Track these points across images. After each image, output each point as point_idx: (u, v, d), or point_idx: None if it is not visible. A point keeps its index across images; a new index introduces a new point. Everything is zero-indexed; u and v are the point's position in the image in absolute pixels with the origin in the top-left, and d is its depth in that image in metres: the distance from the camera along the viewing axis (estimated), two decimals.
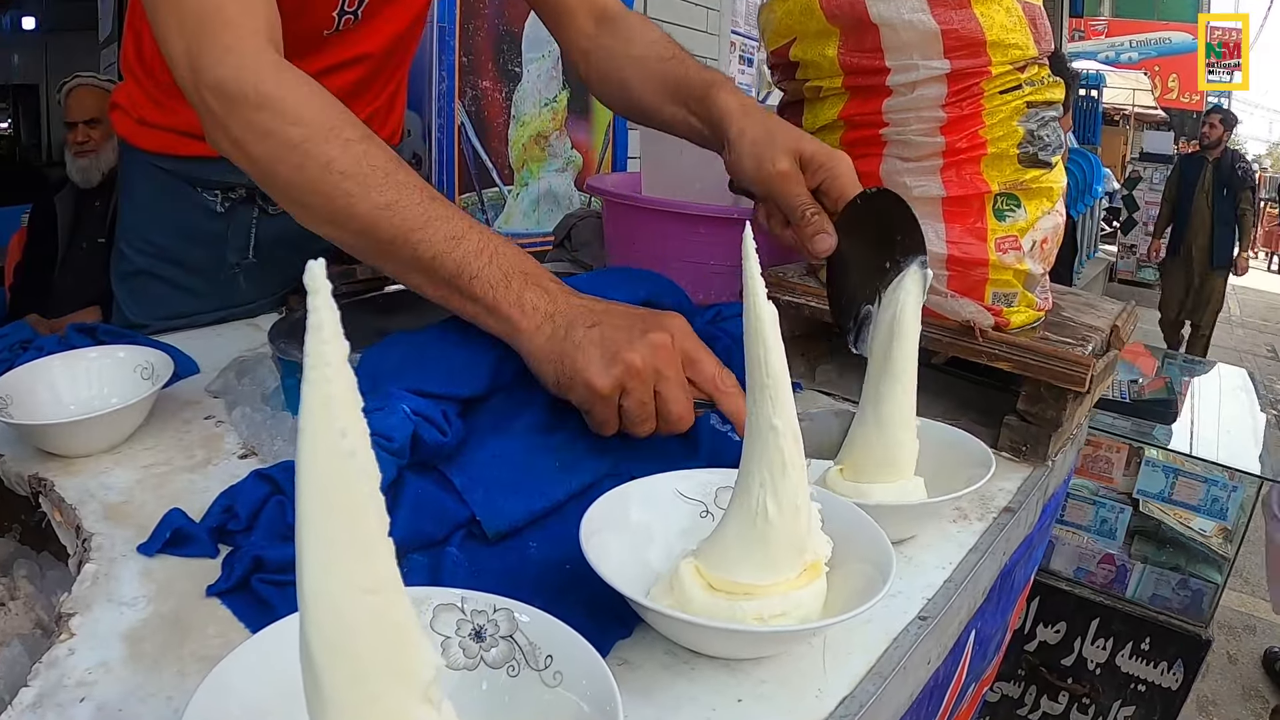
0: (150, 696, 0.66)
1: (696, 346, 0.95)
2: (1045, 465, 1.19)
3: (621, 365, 0.90)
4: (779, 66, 1.32)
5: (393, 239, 0.95)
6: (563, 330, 0.93)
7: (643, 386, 0.90)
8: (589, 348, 0.91)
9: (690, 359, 0.94)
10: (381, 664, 0.44)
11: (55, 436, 0.99)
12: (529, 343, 0.94)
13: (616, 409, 0.92)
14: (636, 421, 0.92)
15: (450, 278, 0.95)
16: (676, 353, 0.93)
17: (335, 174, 0.94)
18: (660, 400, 0.91)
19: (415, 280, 0.98)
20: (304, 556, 0.42)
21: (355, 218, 0.95)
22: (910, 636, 0.81)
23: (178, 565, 0.82)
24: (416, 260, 0.95)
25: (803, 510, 0.71)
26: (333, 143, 0.95)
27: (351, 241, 0.99)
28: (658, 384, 0.91)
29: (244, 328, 1.51)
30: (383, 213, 0.94)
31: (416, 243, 0.94)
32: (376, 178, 0.95)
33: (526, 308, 0.94)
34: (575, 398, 0.93)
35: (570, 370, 0.92)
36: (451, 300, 0.97)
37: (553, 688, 0.60)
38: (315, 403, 0.40)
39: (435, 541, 0.84)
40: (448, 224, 0.95)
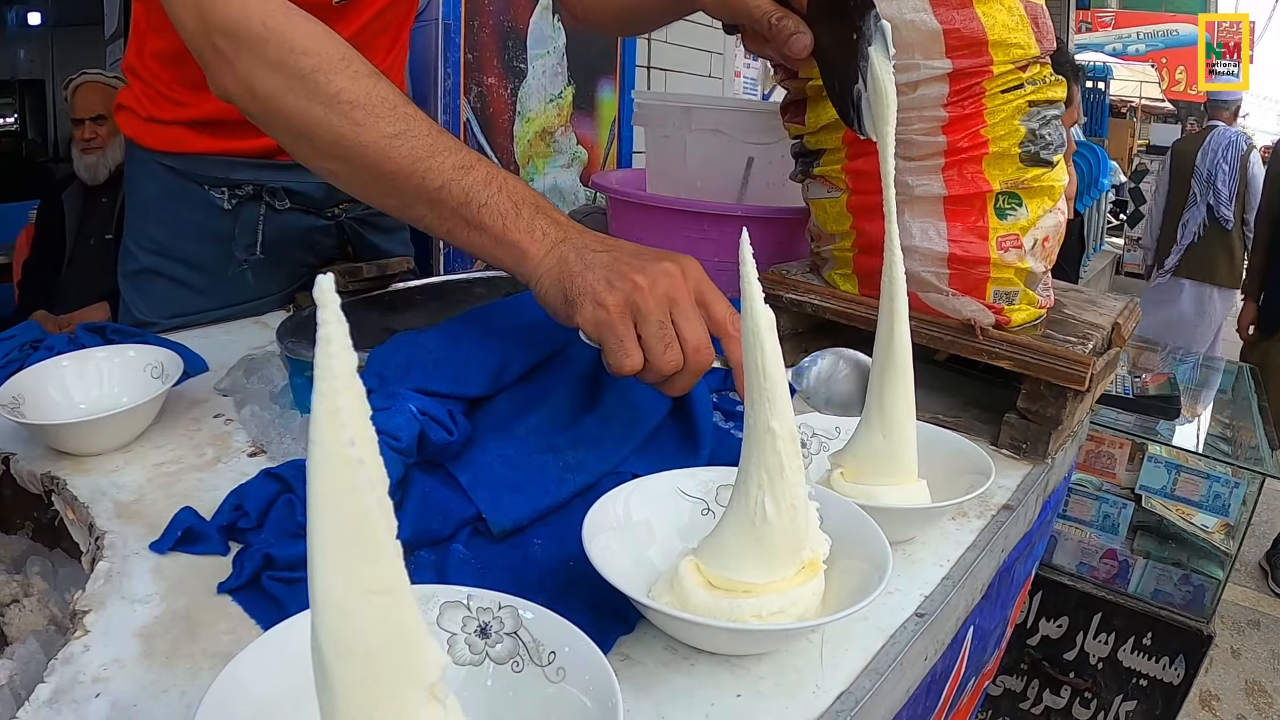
0: (163, 693, 0.68)
1: (709, 286, 0.94)
2: (1045, 463, 1.20)
3: (629, 282, 0.89)
4: (781, 65, 1.33)
5: (399, 169, 0.95)
6: (572, 254, 0.92)
7: (657, 307, 0.89)
8: (597, 268, 0.91)
9: (703, 297, 0.93)
10: (390, 664, 0.46)
11: (67, 436, 1.00)
12: (537, 268, 0.93)
13: (634, 335, 0.89)
14: (658, 346, 0.89)
15: (458, 206, 0.94)
16: (689, 286, 0.92)
17: (344, 103, 0.95)
18: (677, 328, 0.90)
19: (421, 212, 0.98)
20: (314, 560, 0.43)
21: (362, 147, 0.95)
22: (907, 633, 0.82)
23: (189, 563, 0.83)
24: (423, 190, 0.95)
25: (800, 510, 0.72)
26: (343, 73, 0.96)
27: (355, 176, 0.99)
28: (672, 310, 0.90)
29: (252, 326, 1.52)
30: (390, 142, 0.94)
31: (424, 172, 0.94)
32: (384, 109, 0.95)
33: (536, 234, 0.94)
34: (585, 319, 0.90)
35: (578, 288, 0.90)
36: (458, 232, 0.96)
37: (556, 683, 0.62)
38: (324, 414, 0.41)
39: (442, 539, 0.85)
40: (456, 155, 0.95)
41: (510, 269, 0.96)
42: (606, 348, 0.90)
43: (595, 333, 0.90)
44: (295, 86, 0.96)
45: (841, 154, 1.28)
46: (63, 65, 7.64)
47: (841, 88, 1.05)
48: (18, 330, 1.24)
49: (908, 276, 0.95)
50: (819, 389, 1.00)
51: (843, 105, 1.06)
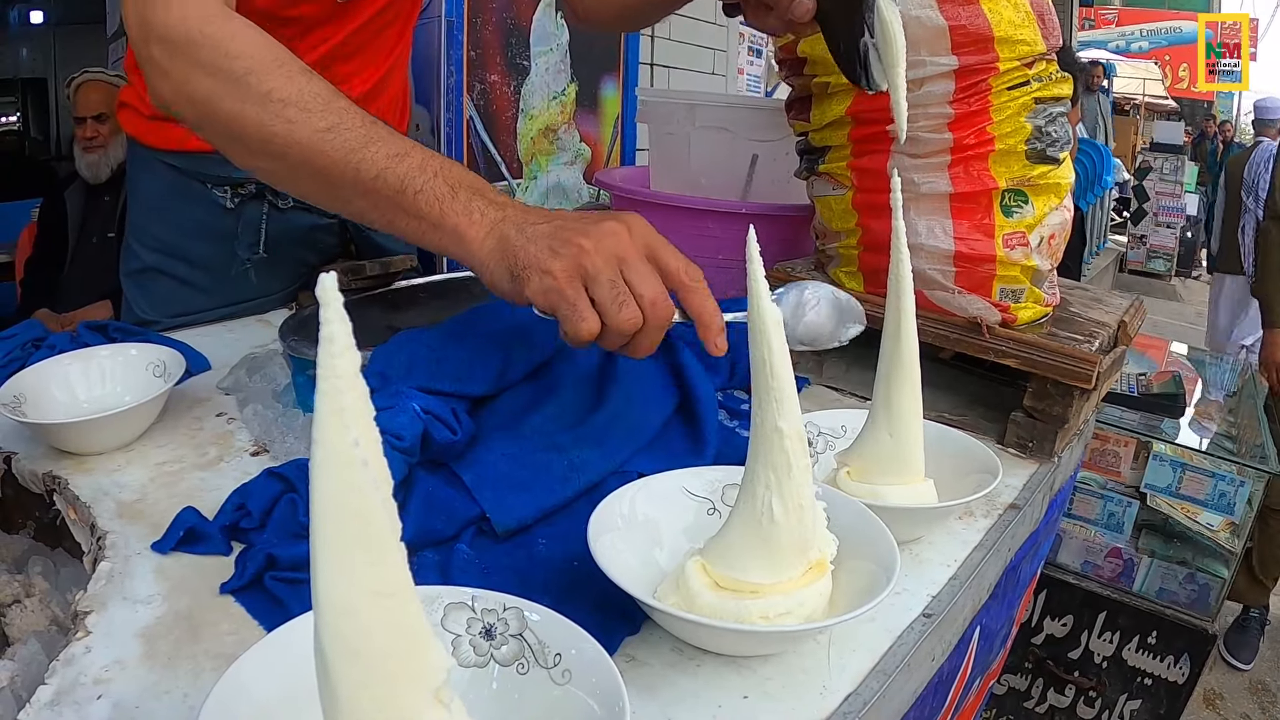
0: (165, 694, 0.67)
1: (658, 240, 0.91)
2: (1051, 462, 1.20)
3: (574, 246, 0.86)
4: (787, 62, 1.32)
5: (333, 163, 0.94)
6: (512, 230, 0.90)
7: (605, 266, 0.86)
8: (539, 239, 0.88)
9: (653, 252, 0.90)
10: (394, 666, 0.45)
11: (69, 435, 1.00)
12: (478, 250, 0.91)
13: (587, 299, 0.86)
14: (613, 306, 0.85)
15: (393, 195, 0.93)
16: (636, 242, 0.89)
17: (276, 102, 0.94)
18: (630, 285, 0.87)
19: (359, 206, 0.96)
20: (318, 562, 0.43)
21: (295, 145, 0.94)
22: (915, 634, 0.82)
23: (191, 563, 0.83)
24: (358, 183, 0.93)
25: (807, 510, 0.72)
26: (276, 74, 0.95)
27: (291, 174, 0.99)
28: (622, 268, 0.87)
29: (254, 324, 1.52)
30: (323, 136, 0.93)
31: (358, 163, 0.93)
32: (318, 104, 0.95)
33: (474, 215, 0.92)
34: (534, 291, 0.87)
35: (521, 262, 0.88)
36: (398, 221, 0.95)
37: (561, 685, 0.61)
38: (328, 414, 0.40)
39: (446, 539, 0.85)
40: (390, 144, 0.94)
41: (453, 254, 0.94)
42: (561, 316, 0.87)
43: (546, 303, 0.88)
44: (230, 90, 0.96)
45: (847, 151, 1.27)
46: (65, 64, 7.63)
47: (847, 47, 1.04)
48: (19, 329, 1.24)
49: (913, 274, 0.95)
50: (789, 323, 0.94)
51: (849, 64, 1.05)
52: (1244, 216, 6.22)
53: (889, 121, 1.19)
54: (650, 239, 0.90)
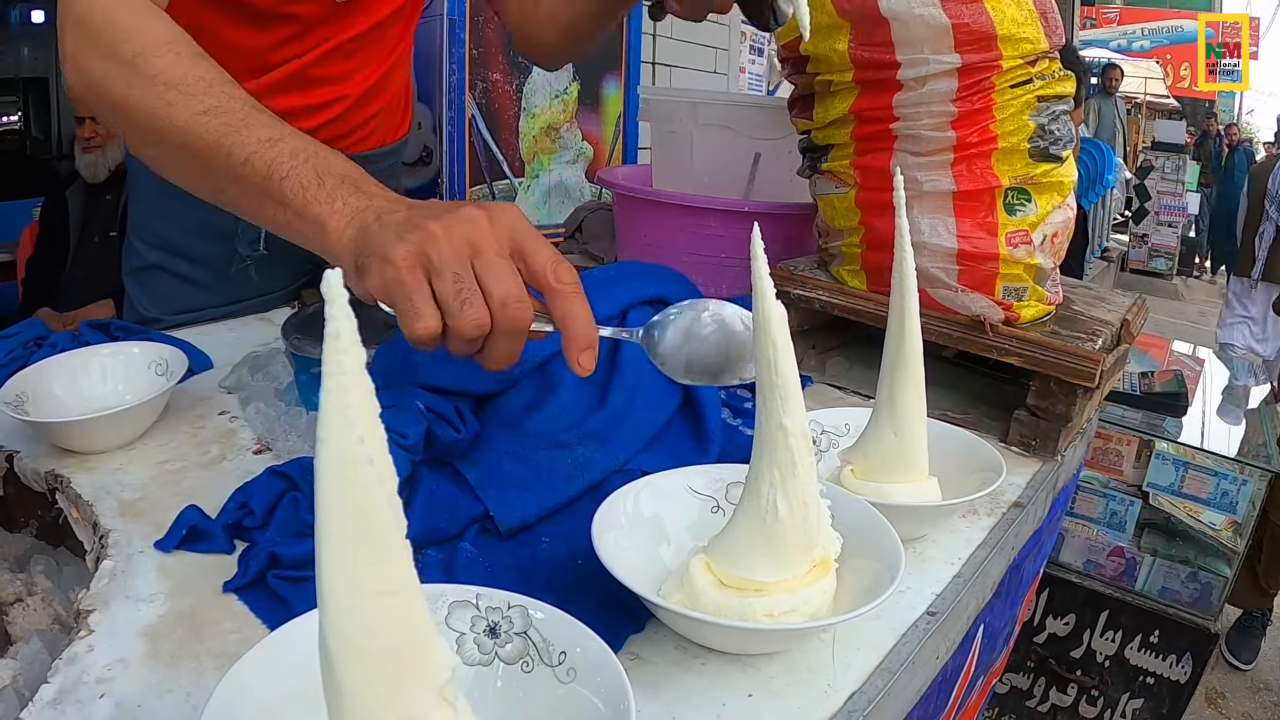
0: (168, 693, 0.67)
1: (527, 233, 0.81)
2: (1055, 460, 1.20)
3: (422, 232, 0.77)
4: (790, 60, 1.33)
5: (207, 146, 0.90)
6: (372, 219, 0.82)
7: (453, 257, 0.76)
8: (390, 226, 0.80)
9: (518, 245, 0.79)
10: (399, 664, 0.45)
11: (72, 433, 1.00)
12: (337, 241, 0.83)
13: (428, 294, 0.76)
14: (454, 303, 0.76)
15: (261, 180, 0.88)
16: (497, 233, 0.79)
17: (160, 85, 0.93)
18: (480, 280, 0.77)
19: (232, 193, 0.92)
20: (323, 560, 0.43)
21: (174, 127, 0.91)
22: (919, 632, 0.82)
23: (194, 561, 0.83)
24: (229, 167, 0.89)
25: (812, 508, 0.72)
26: (164, 57, 0.94)
27: (171, 159, 0.96)
28: (474, 260, 0.77)
29: (256, 323, 1.52)
30: (200, 118, 0.90)
31: (230, 146, 0.89)
32: (200, 87, 0.92)
33: (337, 204, 0.85)
34: (373, 283, 0.78)
35: (367, 249, 0.80)
36: (265, 210, 0.89)
37: (566, 683, 0.61)
38: (333, 411, 0.40)
39: (449, 537, 0.85)
40: (266, 129, 0.90)
41: (317, 248, 0.87)
42: (398, 311, 0.78)
43: (386, 296, 0.78)
44: (120, 73, 0.95)
45: (850, 149, 1.27)
46: None
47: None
48: (21, 327, 1.23)
49: (916, 272, 0.94)
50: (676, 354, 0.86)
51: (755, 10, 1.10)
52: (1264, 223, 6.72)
53: (892, 120, 1.20)
54: (517, 231, 0.80)
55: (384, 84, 1.59)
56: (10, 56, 8.84)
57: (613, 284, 1.10)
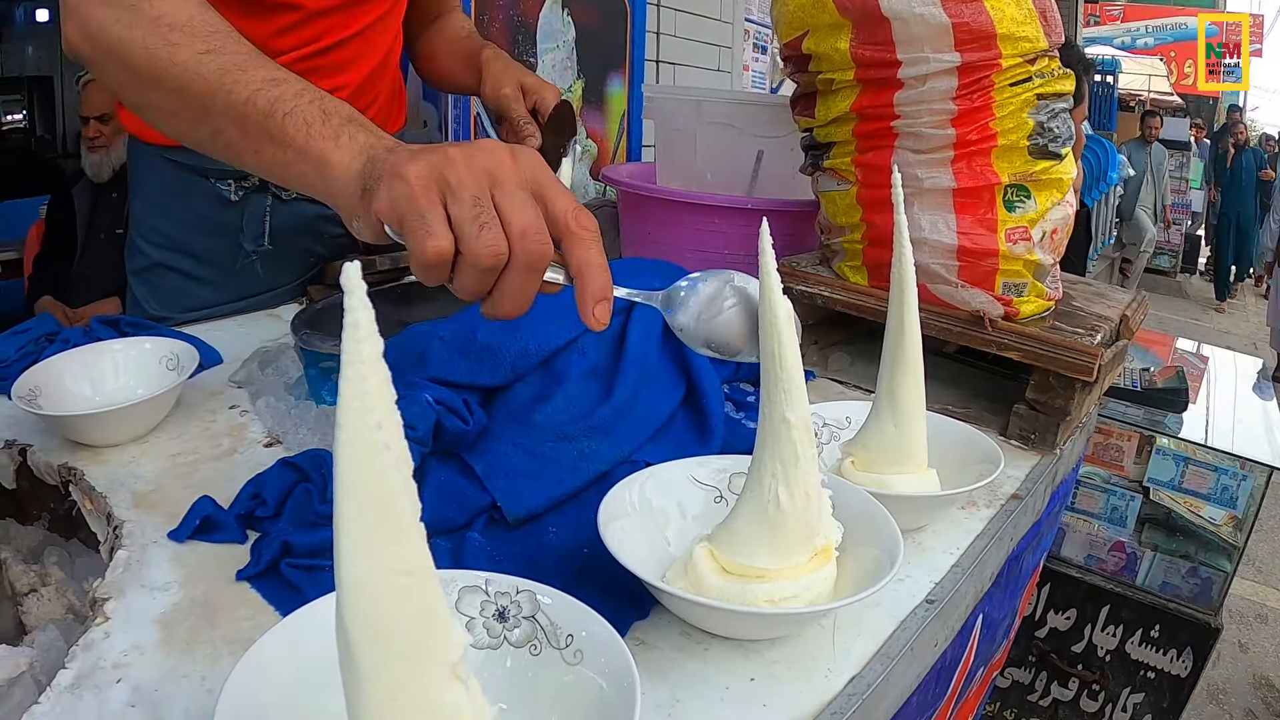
0: (183, 678, 0.69)
1: (549, 177, 0.77)
2: (1054, 453, 1.21)
3: (439, 154, 0.73)
4: (792, 59, 1.33)
5: (208, 85, 0.89)
6: (382, 151, 0.78)
7: (472, 182, 0.72)
8: (404, 151, 0.77)
9: (540, 189, 0.75)
10: (413, 643, 0.46)
11: (85, 427, 1.01)
12: (340, 175, 0.80)
13: (442, 215, 0.71)
14: (472, 226, 0.70)
15: (262, 119, 0.85)
16: (520, 168, 0.75)
17: (164, 26, 0.92)
18: (500, 210, 0.72)
19: (231, 135, 0.89)
20: (341, 542, 0.44)
21: (175, 66, 0.90)
22: (917, 619, 0.83)
23: (207, 551, 0.84)
24: (230, 106, 0.87)
25: (813, 498, 0.73)
26: (171, 2, 0.94)
27: (169, 102, 0.94)
28: (494, 190, 0.73)
29: (265, 319, 1.53)
30: (201, 58, 0.89)
31: (231, 85, 0.87)
32: (204, 29, 0.92)
33: (342, 139, 0.81)
34: (381, 203, 0.74)
35: (375, 172, 0.76)
36: (264, 151, 0.86)
37: (573, 666, 0.63)
38: (352, 397, 0.42)
39: (458, 526, 0.86)
40: (270, 70, 0.89)
41: (316, 189, 0.84)
42: (407, 230, 0.72)
43: (393, 214, 0.73)
44: (122, 16, 0.95)
45: (851, 147, 1.28)
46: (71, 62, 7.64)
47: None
48: (33, 323, 1.25)
49: (917, 268, 0.96)
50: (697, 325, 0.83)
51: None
52: None
53: (893, 118, 1.21)
54: (540, 174, 0.76)
55: (378, 76, 1.60)
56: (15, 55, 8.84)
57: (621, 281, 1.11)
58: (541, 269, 0.74)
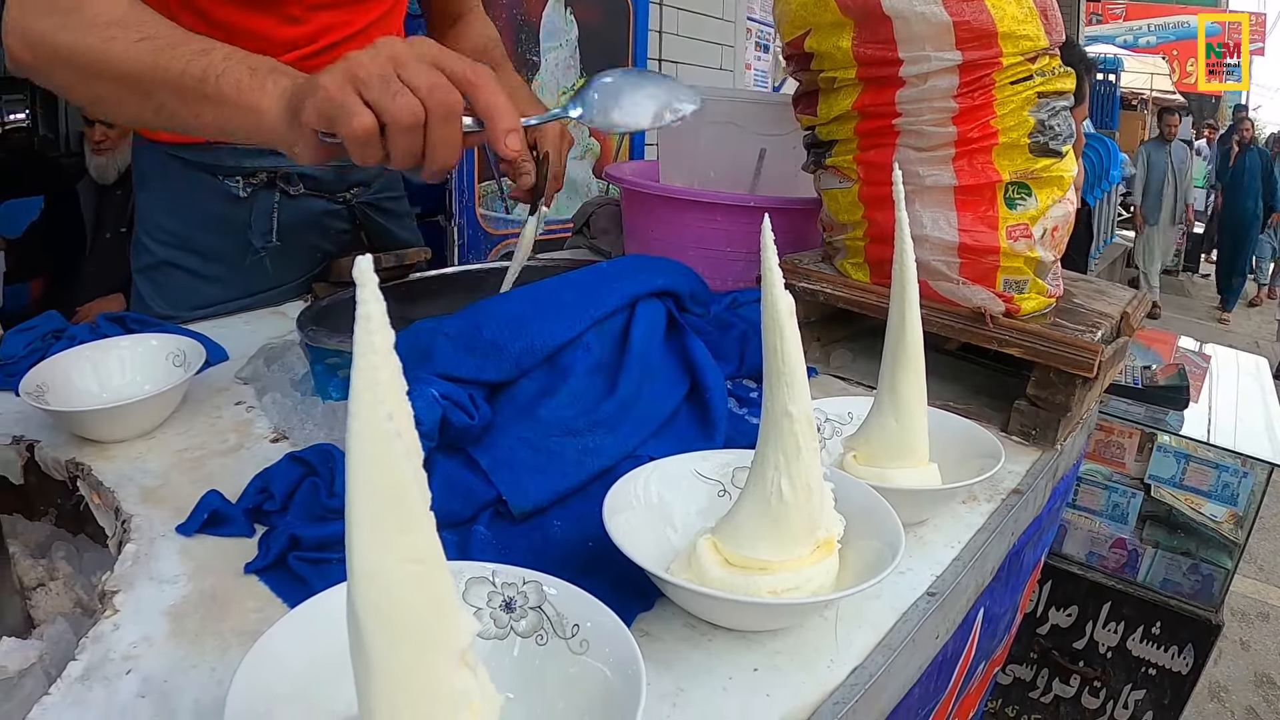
0: (193, 669, 0.69)
1: (441, 50, 0.91)
2: (1054, 449, 1.21)
3: (346, 61, 0.88)
4: (794, 57, 1.34)
5: (146, 66, 1.00)
6: (303, 81, 0.94)
7: (377, 69, 0.86)
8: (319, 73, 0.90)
9: (435, 59, 0.89)
10: (423, 630, 0.47)
11: (93, 422, 1.02)
12: (270, 114, 0.95)
13: (359, 100, 0.86)
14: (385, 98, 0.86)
15: (196, 84, 0.98)
16: (416, 49, 0.89)
17: (100, 24, 1.03)
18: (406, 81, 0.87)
19: (172, 106, 1.01)
20: (353, 531, 0.45)
21: (114, 57, 1.02)
22: (919, 611, 0.84)
23: (215, 545, 0.85)
24: (168, 80, 0.99)
25: (815, 491, 0.74)
26: (103, 4, 1.05)
27: (112, 91, 1.05)
28: (398, 70, 0.87)
29: (270, 315, 1.53)
30: (136, 45, 1.01)
31: (166, 63, 0.99)
32: (134, 21, 1.04)
33: (269, 88, 0.96)
34: (308, 115, 0.90)
35: (299, 95, 0.91)
36: (204, 113, 0.99)
37: (579, 655, 0.63)
38: (364, 388, 0.43)
39: (464, 520, 0.87)
40: (199, 43, 1.00)
41: (253, 135, 0.98)
42: (336, 123, 0.87)
43: (320, 118, 0.88)
44: (64, 22, 1.04)
45: (853, 145, 1.29)
46: None
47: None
48: (39, 320, 1.26)
49: (919, 265, 0.96)
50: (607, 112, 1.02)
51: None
52: None
53: (895, 116, 1.21)
54: (432, 47, 0.90)
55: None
56: None
57: (622, 277, 1.12)
58: (457, 114, 0.89)
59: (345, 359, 1.12)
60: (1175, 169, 10.17)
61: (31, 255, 3.93)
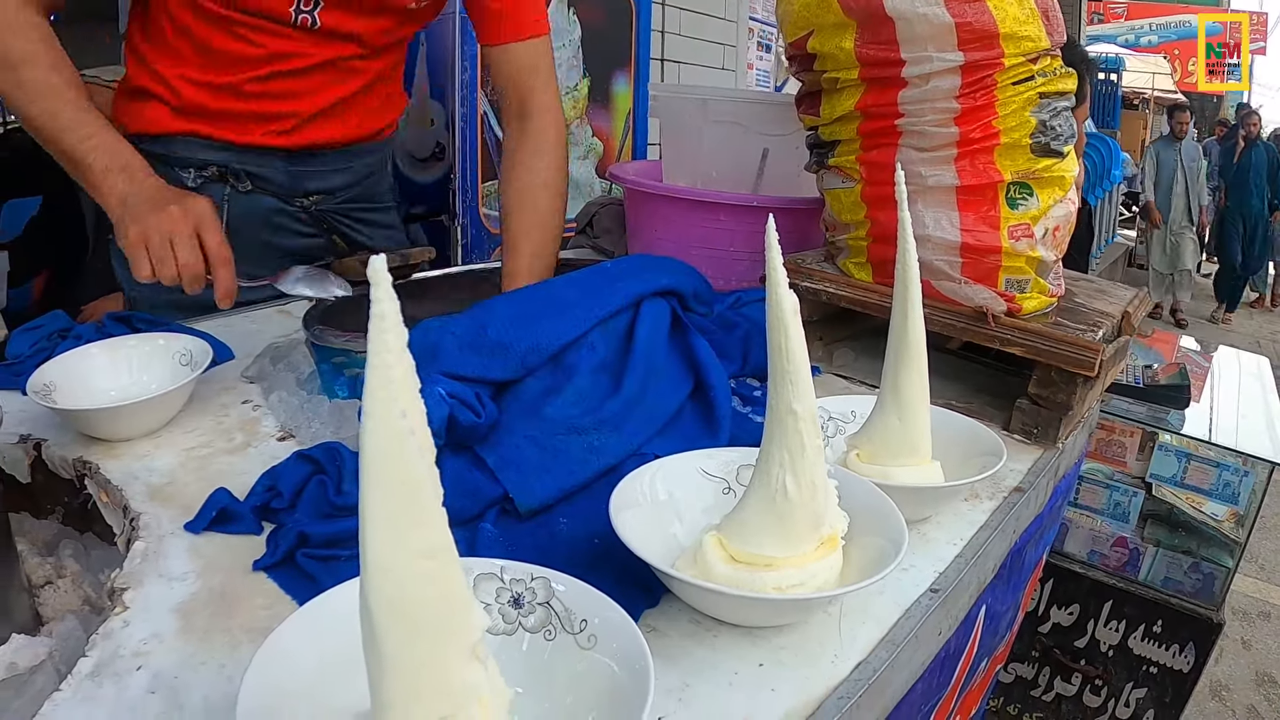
0: (202, 665, 0.70)
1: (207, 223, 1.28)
2: (1055, 448, 1.22)
3: (144, 222, 1.25)
4: (797, 58, 1.34)
5: (47, 135, 1.33)
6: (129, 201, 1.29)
7: (158, 237, 1.24)
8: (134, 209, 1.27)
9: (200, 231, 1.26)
10: (435, 623, 0.48)
11: (100, 421, 1.03)
12: (113, 213, 1.30)
13: (145, 255, 1.24)
14: (159, 264, 1.24)
15: (74, 167, 1.33)
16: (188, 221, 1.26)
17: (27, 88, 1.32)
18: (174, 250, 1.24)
19: (64, 164, 1.36)
20: (367, 526, 0.46)
21: (28, 116, 1.33)
22: (922, 608, 0.85)
23: (223, 542, 0.86)
24: (61, 152, 1.33)
25: (820, 488, 0.75)
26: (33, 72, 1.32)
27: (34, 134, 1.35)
28: (172, 239, 1.24)
29: (275, 314, 1.54)
30: (43, 114, 1.32)
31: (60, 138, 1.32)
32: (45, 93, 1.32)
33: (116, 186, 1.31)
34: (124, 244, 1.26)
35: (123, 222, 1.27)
36: (82, 182, 1.34)
37: (587, 650, 0.64)
38: (378, 385, 0.43)
39: (471, 517, 0.88)
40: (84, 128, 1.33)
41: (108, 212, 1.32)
42: (130, 262, 1.25)
43: (128, 251, 1.26)
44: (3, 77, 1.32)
45: (856, 145, 1.30)
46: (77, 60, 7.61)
47: None
48: (45, 319, 1.27)
49: (921, 265, 0.97)
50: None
51: None
52: None
53: (897, 116, 1.22)
54: (201, 222, 1.28)
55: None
56: None
57: (626, 277, 1.13)
58: (199, 279, 1.26)
59: (351, 358, 1.12)
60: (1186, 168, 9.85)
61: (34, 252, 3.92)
